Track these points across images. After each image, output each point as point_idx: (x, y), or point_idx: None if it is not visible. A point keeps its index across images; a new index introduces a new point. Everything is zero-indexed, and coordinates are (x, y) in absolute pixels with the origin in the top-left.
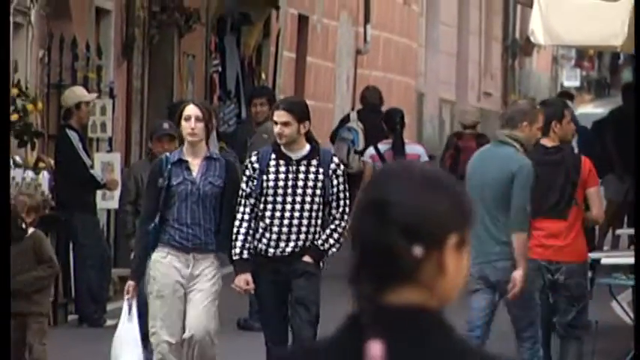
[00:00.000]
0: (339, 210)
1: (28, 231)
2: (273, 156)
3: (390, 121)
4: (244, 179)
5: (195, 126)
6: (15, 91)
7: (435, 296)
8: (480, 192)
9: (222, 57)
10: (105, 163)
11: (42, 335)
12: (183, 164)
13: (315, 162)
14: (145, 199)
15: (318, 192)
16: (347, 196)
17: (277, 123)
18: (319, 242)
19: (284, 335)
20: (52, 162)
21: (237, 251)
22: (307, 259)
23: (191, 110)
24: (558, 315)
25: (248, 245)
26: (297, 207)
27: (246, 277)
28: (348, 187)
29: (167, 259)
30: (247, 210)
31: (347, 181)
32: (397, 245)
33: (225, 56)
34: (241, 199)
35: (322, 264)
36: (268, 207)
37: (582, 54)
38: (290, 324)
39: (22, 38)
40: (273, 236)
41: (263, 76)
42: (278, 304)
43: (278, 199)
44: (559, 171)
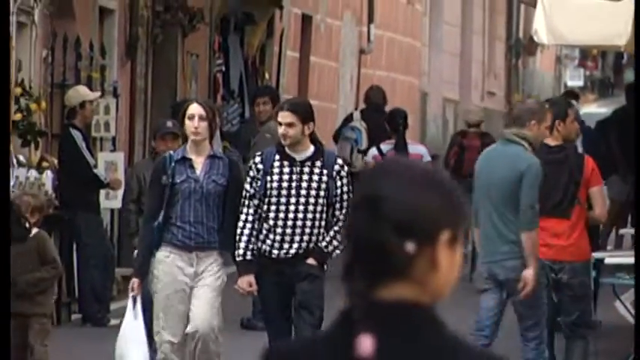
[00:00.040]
0: (343, 211)
1: (32, 231)
2: (277, 157)
3: (393, 122)
4: (248, 180)
5: (198, 125)
6: (19, 91)
7: (428, 292)
8: (487, 190)
9: (225, 57)
10: (108, 163)
11: (44, 336)
12: (186, 162)
13: (319, 163)
14: (149, 197)
15: (322, 193)
16: (351, 198)
17: (281, 124)
18: (323, 244)
19: (287, 336)
20: (56, 161)
21: (240, 252)
22: (311, 262)
23: (194, 109)
24: (562, 314)
25: (251, 246)
26: (300, 208)
27: (249, 279)
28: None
29: (170, 259)
30: (251, 211)
31: (350, 182)
32: (390, 241)
33: (228, 56)
34: (245, 200)
35: (326, 266)
36: (272, 208)
37: (586, 54)
38: (293, 325)
39: (26, 38)
40: (277, 237)
41: (266, 76)
42: (281, 306)
43: (282, 200)
44: (562, 170)
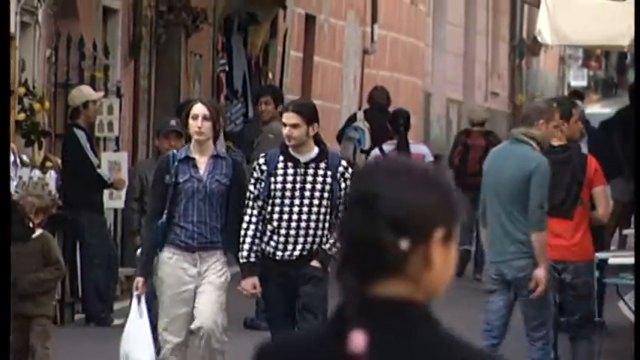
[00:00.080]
0: None
1: (36, 232)
2: (281, 158)
3: (395, 122)
4: (252, 181)
5: (202, 125)
6: (22, 90)
7: (421, 290)
8: (495, 190)
9: (229, 57)
10: (112, 163)
11: (45, 338)
12: (190, 162)
13: (323, 165)
14: (152, 197)
15: (325, 195)
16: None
17: (286, 125)
18: (327, 246)
19: None
20: (59, 161)
21: (244, 254)
22: (315, 264)
23: (198, 109)
24: (566, 315)
25: (255, 248)
26: (304, 210)
27: (253, 281)
28: None
29: (173, 260)
30: (255, 212)
31: None
32: (384, 238)
33: (232, 56)
34: (249, 201)
35: (330, 268)
36: (276, 209)
37: (589, 54)
38: (297, 327)
39: (30, 37)
40: (280, 239)
41: (270, 76)
42: (285, 308)
43: (286, 202)
44: (565, 170)
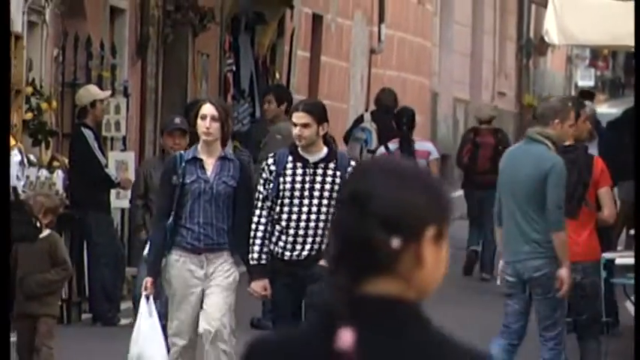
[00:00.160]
0: None
1: (44, 231)
2: (290, 158)
3: (399, 120)
4: (261, 182)
5: (210, 125)
6: (29, 90)
7: (412, 288)
8: (511, 189)
9: (236, 56)
10: (119, 162)
11: (50, 338)
12: (197, 162)
13: (332, 165)
14: (159, 197)
15: (334, 195)
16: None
17: (296, 125)
18: None
19: None
20: (67, 161)
21: (255, 256)
22: (323, 264)
23: (207, 109)
24: (574, 315)
25: (266, 249)
26: (313, 209)
27: (264, 283)
28: None
29: (180, 262)
30: (264, 213)
31: None
32: (376, 237)
33: (239, 55)
34: (258, 202)
35: None
36: (285, 210)
37: (596, 53)
38: None
39: (37, 37)
40: (289, 239)
41: (277, 76)
42: (293, 308)
43: (294, 202)
44: (572, 170)
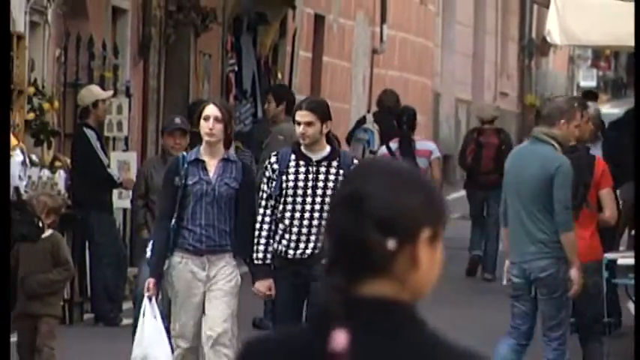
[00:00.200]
0: None
1: (46, 231)
2: (292, 157)
3: (400, 120)
4: (264, 180)
5: (213, 126)
6: (31, 90)
7: (407, 290)
8: (517, 189)
9: (238, 56)
10: (121, 162)
11: (51, 338)
12: (199, 164)
13: (335, 163)
14: (161, 198)
15: None
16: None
17: (300, 123)
18: None
19: None
20: (69, 161)
21: (260, 256)
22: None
23: (210, 110)
24: (577, 315)
25: (270, 248)
26: (316, 208)
27: (269, 283)
28: None
29: (182, 264)
30: (268, 212)
31: None
32: (371, 238)
33: (241, 56)
34: (262, 201)
35: None
36: (288, 208)
37: (599, 54)
38: None
39: (39, 37)
40: (292, 237)
41: (279, 76)
42: (295, 306)
43: (297, 200)
44: (573, 171)
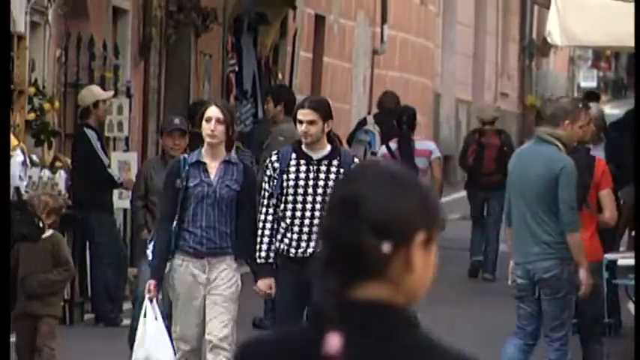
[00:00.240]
0: None
1: (47, 231)
2: (293, 155)
3: (400, 119)
4: (265, 179)
5: (215, 128)
6: (32, 90)
7: (402, 293)
8: (521, 190)
9: (239, 57)
10: (122, 163)
11: (51, 338)
12: (201, 166)
13: (336, 162)
14: (163, 200)
15: None
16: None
17: (302, 122)
18: None
19: None
20: (69, 161)
21: (262, 255)
22: None
23: (212, 112)
24: (577, 316)
25: (273, 247)
26: (317, 207)
27: (270, 282)
28: None
29: (183, 267)
30: (270, 211)
31: None
32: (366, 242)
33: (242, 56)
34: (264, 200)
35: None
36: (289, 207)
37: (599, 54)
38: None
39: (40, 37)
40: (294, 236)
41: (280, 76)
42: (297, 304)
43: (298, 199)
44: None
